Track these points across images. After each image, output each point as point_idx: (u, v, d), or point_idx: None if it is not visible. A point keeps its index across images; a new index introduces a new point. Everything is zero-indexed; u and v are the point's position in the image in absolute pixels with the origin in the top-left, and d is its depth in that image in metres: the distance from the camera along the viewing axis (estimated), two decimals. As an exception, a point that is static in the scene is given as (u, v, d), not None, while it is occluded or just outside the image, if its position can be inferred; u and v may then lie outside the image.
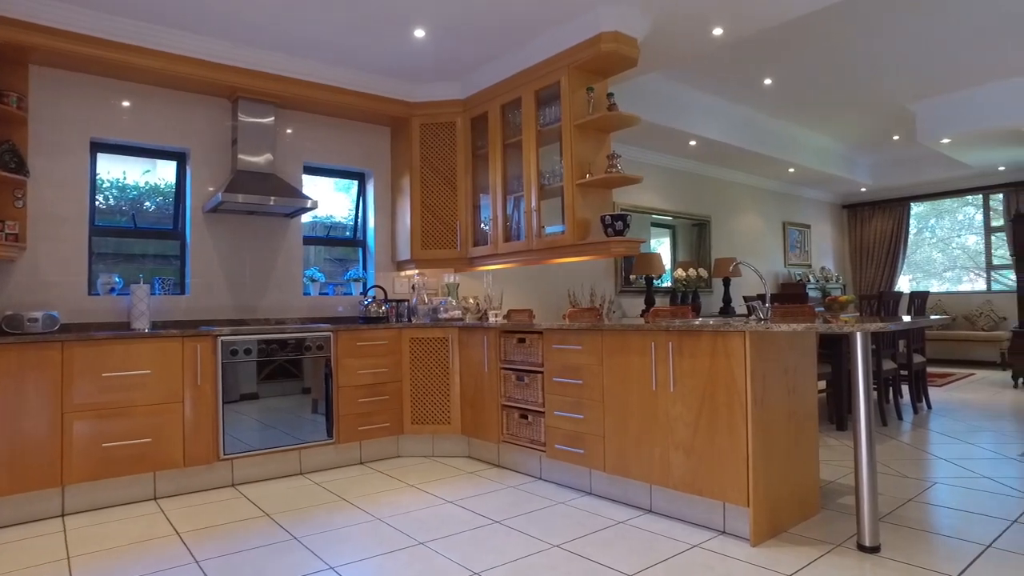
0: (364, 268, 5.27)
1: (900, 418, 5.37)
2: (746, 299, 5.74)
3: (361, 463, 4.40)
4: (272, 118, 4.54)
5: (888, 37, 5.17)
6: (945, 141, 7.01)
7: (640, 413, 3.17)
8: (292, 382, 4.11)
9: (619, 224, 3.81)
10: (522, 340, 3.97)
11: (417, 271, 5.24)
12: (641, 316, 5.34)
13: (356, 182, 5.33)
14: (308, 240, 5.04)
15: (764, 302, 3.10)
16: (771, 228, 8.99)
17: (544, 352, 3.78)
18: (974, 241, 9.93)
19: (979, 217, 9.72)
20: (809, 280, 8.97)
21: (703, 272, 7.23)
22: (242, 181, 4.26)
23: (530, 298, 5.93)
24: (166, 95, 4.32)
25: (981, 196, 9.51)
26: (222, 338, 3.83)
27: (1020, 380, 7.10)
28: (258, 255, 4.64)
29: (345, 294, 5.11)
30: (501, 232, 4.66)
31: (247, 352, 3.94)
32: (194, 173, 4.42)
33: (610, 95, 4.08)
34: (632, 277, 6.90)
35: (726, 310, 7.13)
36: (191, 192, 4.40)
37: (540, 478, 3.92)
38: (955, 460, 4.05)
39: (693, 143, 6.79)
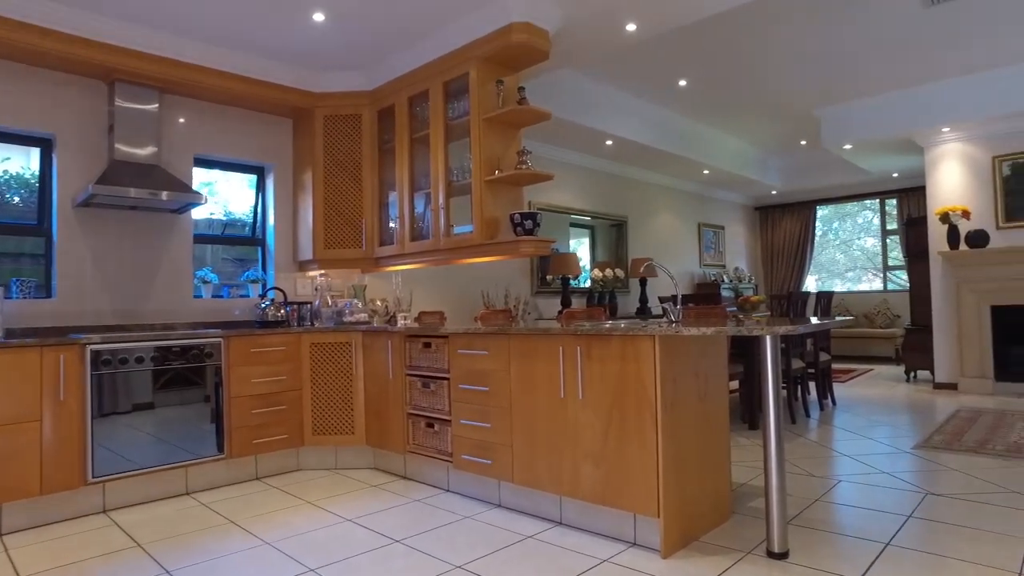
0: (264, 269, 4.92)
1: (808, 415, 5.48)
2: (661, 300, 5.73)
3: (257, 479, 4.06)
4: (156, 105, 4.13)
5: (795, 43, 5.27)
6: (847, 147, 7.28)
7: (549, 421, 3.02)
8: (177, 393, 3.74)
9: (529, 223, 3.66)
10: (427, 345, 3.76)
11: (320, 272, 4.93)
12: (556, 318, 5.24)
13: (256, 176, 4.97)
14: (201, 239, 4.64)
15: (676, 304, 3.02)
16: (687, 229, 9.12)
17: (450, 357, 3.58)
18: (872, 243, 10.43)
19: (876, 221, 10.22)
20: (723, 280, 9.16)
21: (620, 273, 7.22)
22: (117, 172, 3.85)
23: (443, 300, 5.72)
24: (27, 73, 3.85)
25: (878, 201, 9.99)
26: (92, 347, 3.43)
27: (913, 374, 7.46)
28: (141, 254, 4.22)
29: (242, 296, 4.75)
30: (408, 231, 4.43)
31: (123, 362, 3.54)
32: (61, 162, 3.95)
33: (521, 89, 3.93)
34: (549, 278, 6.81)
35: (643, 311, 7.14)
36: (58, 184, 3.94)
37: (448, 490, 3.72)
38: (857, 456, 4.13)
39: (609, 143, 6.76)
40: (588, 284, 7.36)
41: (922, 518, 2.99)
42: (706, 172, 8.33)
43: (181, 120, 4.43)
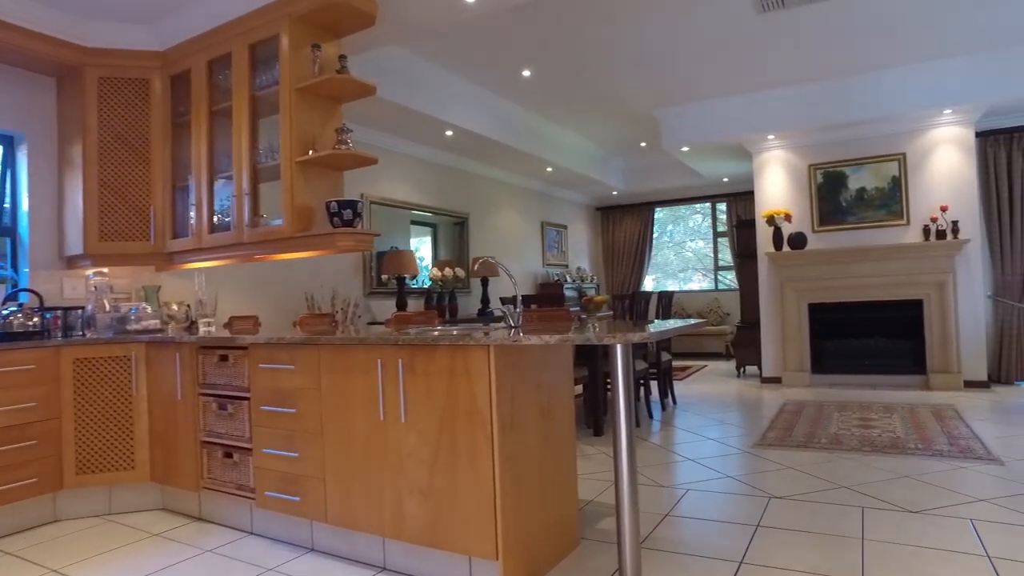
0: (14, 266, 3.91)
1: (651, 416, 5.41)
2: (503, 301, 5.40)
3: (-6, 537, 3.15)
4: None
5: (635, 42, 5.17)
6: (684, 149, 7.43)
7: (367, 449, 2.51)
8: None
9: (348, 212, 3.12)
10: (224, 358, 3.09)
11: (95, 270, 4.02)
12: (386, 322, 4.72)
13: (2, 148, 3.95)
14: (-81, 226, 3.58)
15: (515, 306, 2.64)
16: (530, 227, 8.95)
17: (250, 373, 2.95)
18: (702, 245, 10.95)
19: (707, 223, 10.73)
20: (566, 280, 9.10)
21: (461, 272, 6.83)
22: None
23: (261, 302, 4.98)
24: None
25: (710, 204, 10.47)
26: None
27: (743, 369, 7.79)
28: None
29: (-17, 301, 3.73)
30: (207, 222, 3.70)
31: None
32: None
33: (342, 58, 3.38)
34: (385, 277, 6.25)
35: (484, 312, 6.80)
36: None
37: (252, 533, 3.08)
38: (701, 459, 4.02)
39: (450, 133, 6.33)
40: (428, 284, 6.89)
41: (769, 526, 2.85)
42: (549, 170, 8.19)
43: None
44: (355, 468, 2.55)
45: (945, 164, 6.30)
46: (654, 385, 6.40)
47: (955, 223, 6.13)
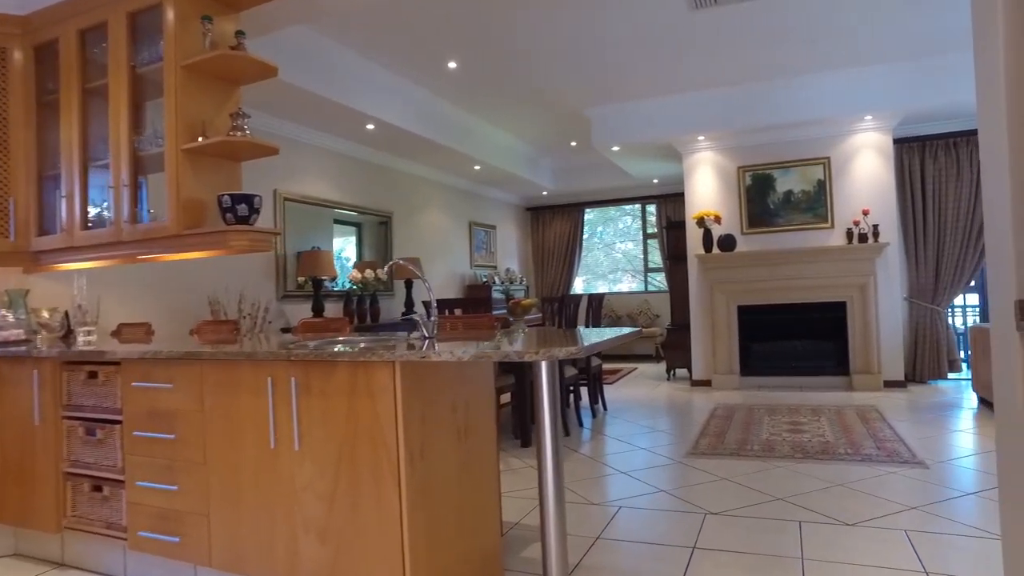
0: None
1: (581, 424, 5.20)
2: (425, 305, 5.08)
3: None
4: None
5: (565, 37, 4.96)
6: (615, 149, 7.30)
7: (257, 481, 2.16)
8: None
9: (243, 208, 2.74)
10: (94, 375, 2.66)
11: (-55, 271, 3.46)
12: (293, 330, 4.33)
13: None
14: None
15: (430, 314, 2.34)
16: (457, 227, 8.64)
17: (123, 392, 2.53)
18: (631, 246, 10.92)
19: (637, 224, 10.72)
20: (495, 282, 8.84)
21: (383, 274, 6.43)
22: None
23: (158, 307, 4.48)
24: None
25: (639, 205, 10.45)
26: None
27: (673, 372, 7.73)
28: None
29: None
30: (79, 216, 3.22)
31: None
32: None
33: (239, 34, 2.99)
34: (301, 279, 5.82)
35: (408, 316, 6.45)
36: None
37: (126, 577, 2.66)
38: (633, 472, 3.83)
39: (371, 127, 5.96)
40: (349, 287, 6.48)
41: (706, 548, 2.67)
42: (478, 168, 7.91)
43: None
44: (244, 503, 2.19)
45: (866, 169, 6.40)
46: (584, 390, 6.21)
47: (875, 227, 6.22)
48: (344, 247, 6.92)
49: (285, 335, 3.65)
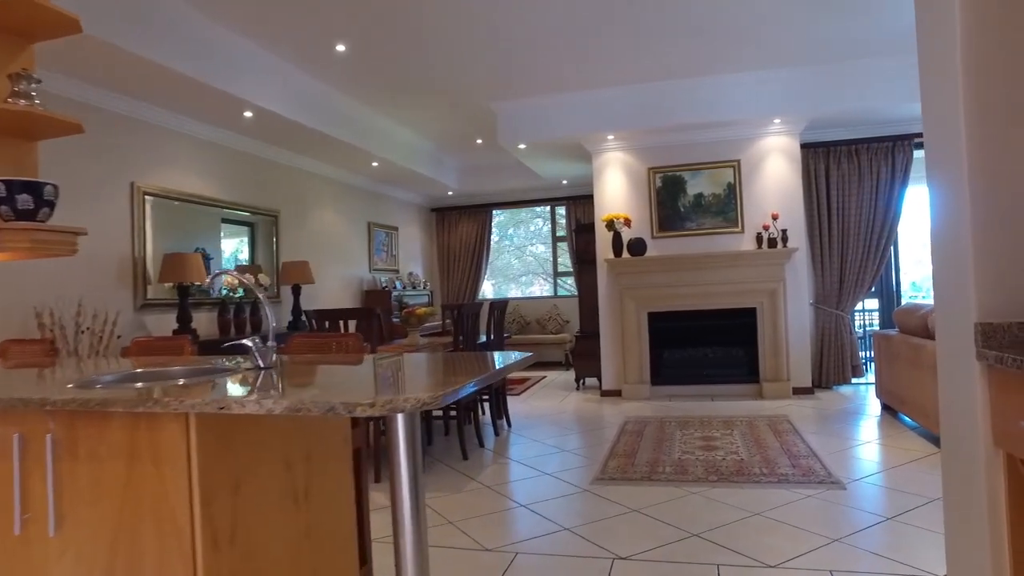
0: None
1: (482, 444, 4.75)
2: (307, 314, 4.49)
3: None
4: None
5: (468, 24, 4.51)
6: (522, 146, 6.91)
7: None
8: None
9: (25, 199, 2.10)
10: None
11: None
12: (124, 351, 3.66)
13: None
14: None
15: (267, 338, 1.81)
16: (355, 228, 8.01)
17: None
18: (543, 249, 10.62)
19: (548, 227, 10.42)
20: (395, 287, 8.26)
21: (265, 279, 5.76)
22: None
23: (-39, 322, 3.67)
24: None
25: (549, 207, 10.14)
26: None
27: (582, 381, 7.42)
28: None
29: None
30: None
31: None
32: None
33: (38, -22, 2.33)
34: (168, 285, 5.06)
35: (296, 326, 5.81)
36: None
37: None
38: (535, 505, 3.41)
39: (249, 114, 5.28)
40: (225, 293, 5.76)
41: (614, 609, 2.26)
42: (375, 164, 7.33)
43: None
44: (-9, 604, 1.58)
45: (775, 173, 6.30)
46: (488, 404, 5.76)
47: (784, 231, 6.12)
48: (240, 249, 6.26)
49: (124, 359, 2.98)
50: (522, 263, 11.41)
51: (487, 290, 10.80)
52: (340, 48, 5.05)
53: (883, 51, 5.52)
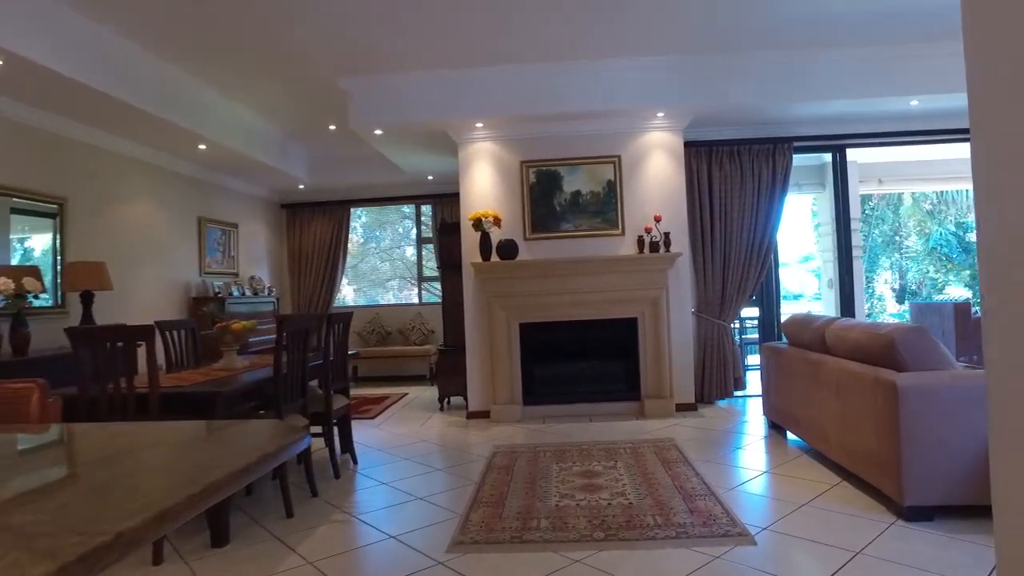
0: None
1: (315, 494, 3.77)
2: (71, 333, 3.35)
3: None
4: None
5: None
6: (378, 132, 5.97)
7: None
8: None
9: None
10: None
11: None
12: None
13: None
14: None
15: None
16: (182, 224, 6.70)
17: None
18: (411, 252, 9.72)
19: (413, 227, 9.53)
20: (233, 293, 7.01)
21: (34, 283, 4.42)
22: None
23: None
24: None
25: (414, 206, 9.25)
26: None
27: (447, 400, 6.57)
28: None
29: None
30: None
31: None
32: None
33: None
34: None
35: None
36: None
37: None
38: (370, 593, 2.52)
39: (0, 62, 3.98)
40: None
41: None
42: (203, 147, 6.09)
43: None
44: None
45: (658, 171, 5.81)
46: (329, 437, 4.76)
47: (667, 235, 5.63)
48: (47, 246, 5.05)
49: None
50: (390, 267, 10.44)
51: (348, 296, 9.72)
52: (135, -12, 3.91)
53: (773, 45, 5.17)
